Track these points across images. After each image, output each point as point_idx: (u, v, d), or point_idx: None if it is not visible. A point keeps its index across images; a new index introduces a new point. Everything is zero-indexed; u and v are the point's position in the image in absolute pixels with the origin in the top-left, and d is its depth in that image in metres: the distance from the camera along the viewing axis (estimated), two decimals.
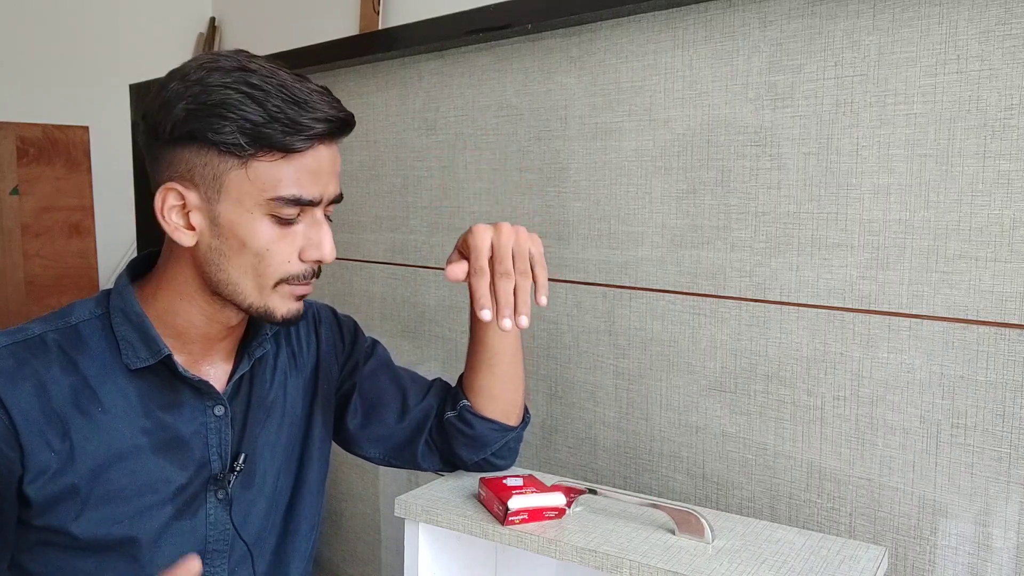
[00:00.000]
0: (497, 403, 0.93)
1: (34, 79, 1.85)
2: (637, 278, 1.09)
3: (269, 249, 0.76)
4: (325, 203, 0.79)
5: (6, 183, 1.82)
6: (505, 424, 0.94)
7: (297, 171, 0.75)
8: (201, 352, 0.84)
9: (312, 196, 0.76)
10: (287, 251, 0.77)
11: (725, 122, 0.99)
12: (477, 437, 0.93)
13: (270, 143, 0.73)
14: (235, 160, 0.74)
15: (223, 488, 0.84)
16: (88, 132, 1.91)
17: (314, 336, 0.97)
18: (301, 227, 0.78)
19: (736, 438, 1.01)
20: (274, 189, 0.75)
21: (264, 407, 0.89)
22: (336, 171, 0.80)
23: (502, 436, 0.94)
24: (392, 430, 0.97)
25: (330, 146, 0.78)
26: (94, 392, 0.78)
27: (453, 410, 0.94)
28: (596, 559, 0.75)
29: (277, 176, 0.75)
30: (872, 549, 0.78)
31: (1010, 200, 0.80)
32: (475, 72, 1.28)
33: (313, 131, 0.74)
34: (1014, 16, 0.78)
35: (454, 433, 0.94)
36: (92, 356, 0.80)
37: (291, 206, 0.76)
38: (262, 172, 0.75)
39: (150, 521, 0.80)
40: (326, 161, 0.77)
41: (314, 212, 0.78)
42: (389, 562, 1.52)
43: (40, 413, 0.76)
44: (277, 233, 0.77)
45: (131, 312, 0.81)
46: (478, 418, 0.93)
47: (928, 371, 0.86)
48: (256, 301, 0.79)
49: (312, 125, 0.74)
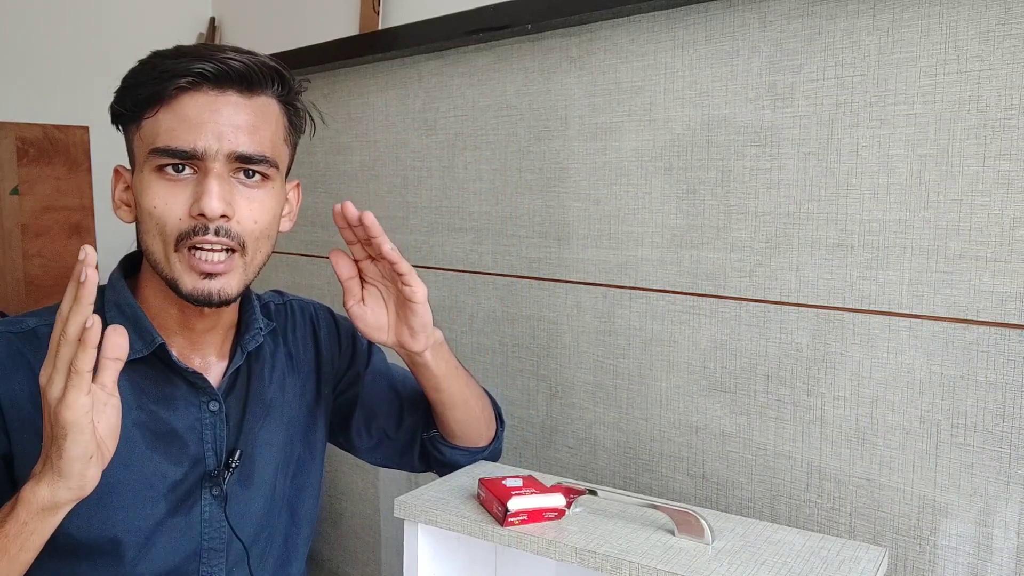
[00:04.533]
0: (461, 436, 0.95)
1: (34, 79, 1.85)
2: (637, 278, 1.09)
3: (156, 206, 0.75)
4: (215, 157, 0.74)
5: (6, 183, 1.82)
6: (474, 448, 0.97)
7: (172, 121, 0.74)
8: (189, 345, 0.84)
9: (186, 146, 0.73)
10: (176, 208, 0.74)
11: (725, 122, 0.99)
12: (448, 463, 0.97)
13: (146, 96, 0.74)
14: (133, 126, 0.77)
15: (218, 485, 0.83)
16: (88, 132, 1.90)
17: (312, 337, 0.97)
18: (191, 184, 0.75)
19: (736, 438, 1.01)
20: (152, 142, 0.74)
21: (263, 404, 0.88)
22: (237, 125, 0.75)
23: (472, 458, 0.97)
24: (392, 439, 1.00)
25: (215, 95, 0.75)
26: None
27: (427, 433, 0.98)
28: (595, 560, 0.75)
29: (155, 129, 0.75)
30: (872, 550, 0.78)
31: (1010, 200, 0.80)
32: (475, 72, 1.28)
33: (180, 75, 0.73)
34: (1014, 16, 0.78)
35: (429, 453, 0.98)
36: None
37: (167, 157, 0.74)
38: (146, 129, 0.75)
39: (144, 518, 0.79)
40: (206, 110, 0.74)
41: (206, 166, 0.74)
42: (389, 562, 1.52)
43: (30, 401, 0.76)
44: (164, 189, 0.74)
45: (124, 304, 0.81)
46: (447, 446, 0.96)
47: (928, 371, 0.86)
48: (166, 270, 0.76)
49: (180, 69, 0.73)
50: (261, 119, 0.77)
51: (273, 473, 0.89)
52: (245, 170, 0.77)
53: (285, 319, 0.95)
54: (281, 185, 0.82)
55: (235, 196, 0.76)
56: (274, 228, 0.81)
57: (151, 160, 0.75)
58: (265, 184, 0.79)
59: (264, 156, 0.77)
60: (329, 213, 1.59)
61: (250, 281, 0.81)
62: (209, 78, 0.74)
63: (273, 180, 0.79)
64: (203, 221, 0.74)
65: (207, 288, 0.76)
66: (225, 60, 0.75)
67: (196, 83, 0.74)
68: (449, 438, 0.95)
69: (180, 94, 0.74)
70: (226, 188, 0.75)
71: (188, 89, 0.74)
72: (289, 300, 0.98)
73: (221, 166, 0.75)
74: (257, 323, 0.87)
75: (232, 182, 0.76)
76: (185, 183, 0.75)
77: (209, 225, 0.74)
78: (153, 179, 0.75)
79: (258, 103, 0.78)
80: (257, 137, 0.77)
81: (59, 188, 1.88)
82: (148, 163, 0.75)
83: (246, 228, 0.77)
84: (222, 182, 0.75)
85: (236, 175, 0.77)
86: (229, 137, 0.75)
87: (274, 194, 0.80)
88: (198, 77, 0.74)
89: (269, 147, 0.78)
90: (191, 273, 0.76)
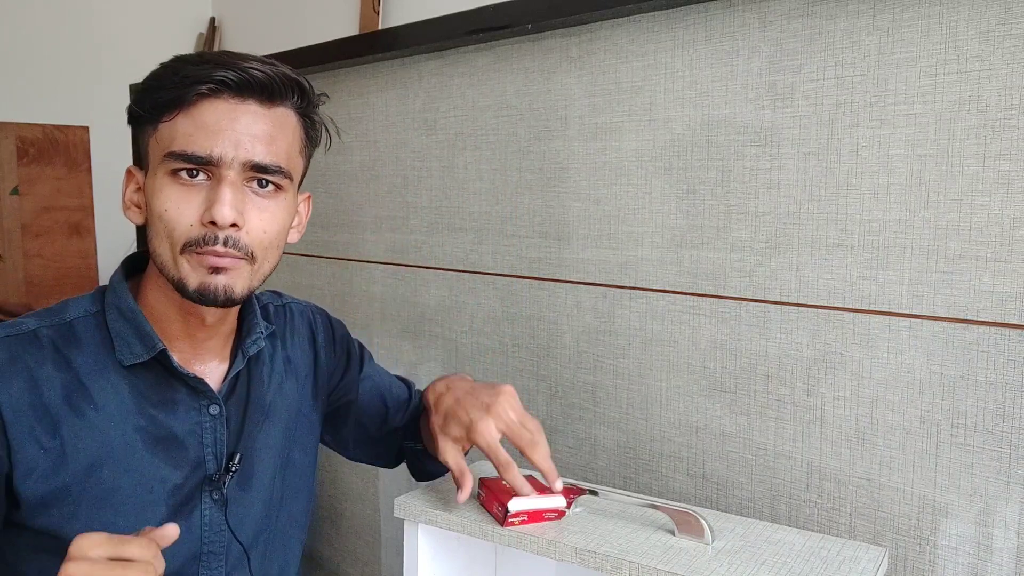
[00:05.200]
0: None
1: (34, 79, 1.85)
2: (637, 278, 1.09)
3: (168, 210, 0.74)
4: (230, 165, 0.74)
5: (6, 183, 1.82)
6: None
7: (190, 127, 0.74)
8: (190, 351, 0.84)
9: (202, 152, 0.73)
10: (188, 214, 0.74)
11: (725, 122, 0.99)
12: (430, 473, 0.98)
13: (166, 100, 0.74)
14: (150, 128, 0.77)
15: (218, 489, 0.83)
16: (88, 132, 1.90)
17: (310, 341, 0.97)
18: (204, 190, 0.75)
19: (736, 438, 1.01)
20: (168, 145, 0.74)
21: (262, 409, 0.88)
22: (255, 134, 0.75)
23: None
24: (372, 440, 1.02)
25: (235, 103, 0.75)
26: (86, 389, 0.77)
27: (411, 442, 0.99)
28: (596, 560, 0.75)
29: (172, 133, 0.75)
30: (872, 550, 0.78)
31: (1010, 200, 0.80)
32: (475, 72, 1.28)
33: (201, 81, 0.73)
34: (1014, 16, 0.78)
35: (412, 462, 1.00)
36: (86, 353, 0.79)
37: (182, 161, 0.74)
38: (163, 132, 0.75)
39: (145, 522, 0.78)
40: (225, 118, 0.74)
41: (220, 173, 0.74)
42: (389, 562, 1.52)
43: (30, 409, 0.75)
44: (176, 193, 0.74)
45: (125, 308, 0.80)
46: (430, 458, 0.96)
47: (928, 371, 0.86)
48: (172, 271, 0.76)
49: (202, 76, 0.73)
50: (279, 130, 0.78)
51: (271, 476, 0.89)
52: (259, 179, 0.77)
53: (284, 323, 0.96)
54: (293, 197, 0.82)
55: (247, 205, 0.76)
56: (282, 239, 0.82)
57: (166, 163, 0.75)
58: (278, 195, 0.79)
59: (279, 167, 0.77)
60: (329, 213, 1.59)
61: (255, 288, 0.80)
62: (230, 86, 0.75)
63: (286, 191, 0.80)
64: (213, 229, 0.74)
65: (213, 283, 0.76)
66: (247, 69, 0.75)
67: (217, 90, 0.74)
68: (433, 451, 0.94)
69: (200, 100, 0.74)
70: (239, 197, 0.75)
71: (208, 96, 0.74)
72: (288, 303, 0.98)
73: (236, 174, 0.75)
74: (258, 327, 0.87)
75: (245, 191, 0.76)
76: (198, 189, 0.75)
77: (219, 234, 0.74)
78: (166, 182, 0.75)
79: (277, 114, 0.78)
80: (274, 147, 0.77)
81: (59, 188, 1.88)
82: (163, 166, 0.75)
83: (255, 238, 0.77)
84: (235, 190, 0.75)
85: (249, 184, 0.77)
86: (246, 146, 0.75)
87: (285, 205, 0.80)
88: (219, 84, 0.74)
89: (285, 158, 0.78)
90: (198, 269, 0.76)
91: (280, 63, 0.78)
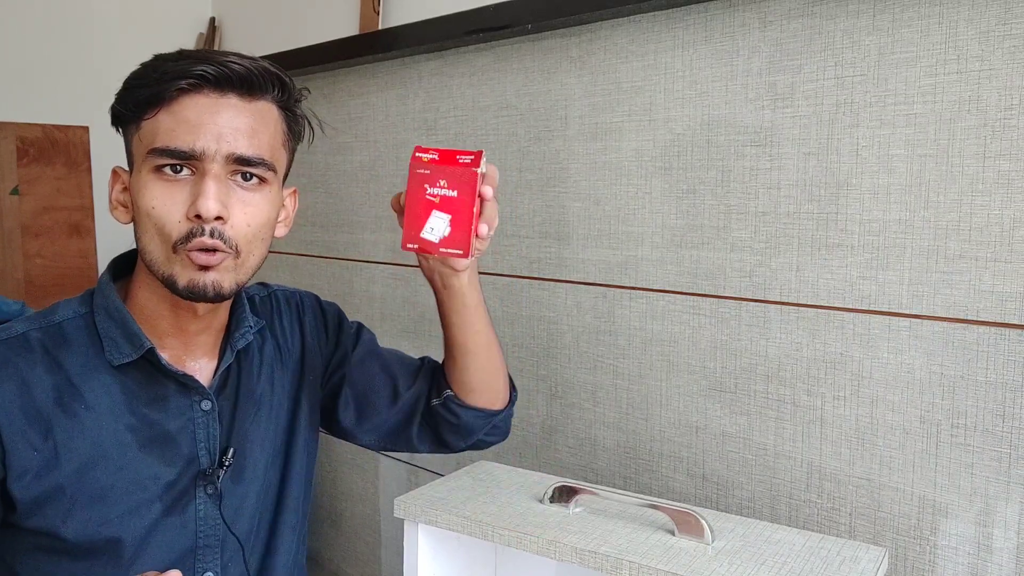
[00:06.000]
0: (480, 391, 0.93)
1: (34, 79, 1.85)
2: (637, 278, 1.09)
3: (154, 206, 0.75)
4: (213, 158, 0.74)
5: (6, 183, 1.82)
6: (490, 410, 0.94)
7: (172, 122, 0.74)
8: (182, 347, 0.84)
9: (185, 147, 0.74)
10: (175, 210, 0.75)
11: (725, 122, 0.99)
12: (463, 426, 0.94)
13: (147, 97, 0.75)
14: (133, 127, 0.77)
15: (212, 483, 0.84)
16: (88, 132, 1.90)
17: (298, 325, 0.97)
18: (189, 185, 0.75)
19: (736, 438, 1.01)
20: (151, 142, 0.75)
21: (253, 401, 0.89)
22: (237, 127, 0.75)
23: (488, 421, 0.94)
24: (385, 418, 0.97)
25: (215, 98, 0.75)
26: (77, 390, 0.78)
27: (438, 398, 0.95)
28: (596, 560, 0.75)
29: (155, 130, 0.75)
30: (872, 550, 0.78)
31: (1010, 200, 0.80)
32: (475, 72, 1.28)
33: (181, 77, 0.74)
34: (1014, 16, 0.78)
35: (440, 421, 0.95)
36: (76, 354, 0.79)
37: (165, 157, 0.74)
38: (146, 129, 0.76)
39: (139, 519, 0.79)
40: (206, 112, 0.75)
41: (204, 167, 0.75)
42: (389, 562, 1.52)
43: (21, 412, 0.76)
44: (161, 190, 0.75)
45: (113, 308, 0.81)
46: (463, 407, 0.93)
47: (928, 371, 0.86)
48: (163, 269, 0.76)
49: (181, 71, 0.74)
50: (260, 123, 0.78)
51: (264, 467, 0.89)
52: (243, 172, 0.77)
53: (271, 310, 0.96)
54: (278, 190, 0.82)
55: (231, 198, 0.77)
56: (268, 231, 0.82)
57: (149, 160, 0.75)
58: (262, 188, 0.79)
59: (262, 159, 0.77)
60: (329, 213, 1.59)
61: (243, 283, 0.81)
62: (210, 80, 0.75)
63: (270, 184, 0.80)
64: (199, 223, 0.75)
65: (202, 280, 0.76)
66: (226, 63, 0.75)
67: (197, 85, 0.75)
68: (466, 396, 0.92)
69: (181, 95, 0.75)
70: (223, 190, 0.76)
71: (189, 91, 0.75)
72: (274, 290, 0.98)
73: (219, 168, 0.75)
74: (247, 321, 0.88)
75: (229, 184, 0.77)
76: (183, 184, 0.75)
77: (205, 227, 0.75)
78: (151, 179, 0.75)
79: (258, 107, 0.78)
80: (256, 140, 0.77)
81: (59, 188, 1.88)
82: (146, 163, 0.75)
83: (239, 232, 0.77)
84: (219, 183, 0.75)
85: (233, 177, 0.77)
86: (228, 139, 0.75)
87: (270, 198, 0.80)
88: (199, 79, 0.74)
89: (267, 150, 0.78)
90: (188, 267, 0.76)
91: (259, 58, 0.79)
